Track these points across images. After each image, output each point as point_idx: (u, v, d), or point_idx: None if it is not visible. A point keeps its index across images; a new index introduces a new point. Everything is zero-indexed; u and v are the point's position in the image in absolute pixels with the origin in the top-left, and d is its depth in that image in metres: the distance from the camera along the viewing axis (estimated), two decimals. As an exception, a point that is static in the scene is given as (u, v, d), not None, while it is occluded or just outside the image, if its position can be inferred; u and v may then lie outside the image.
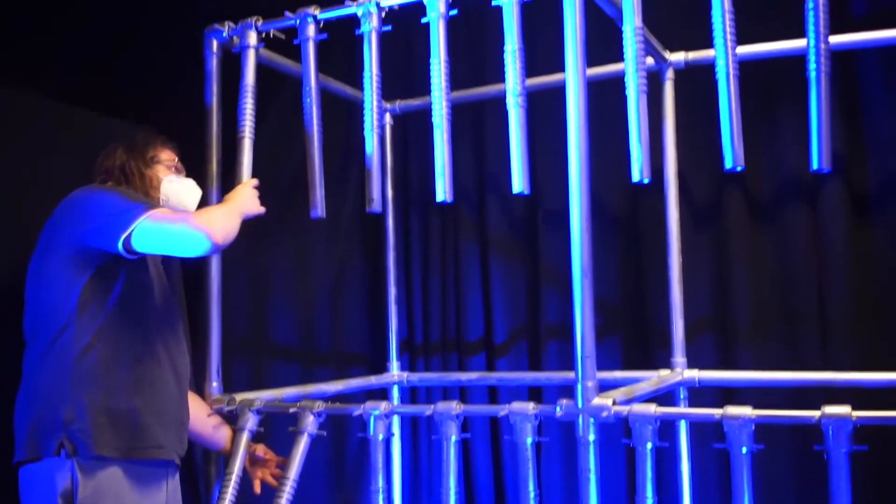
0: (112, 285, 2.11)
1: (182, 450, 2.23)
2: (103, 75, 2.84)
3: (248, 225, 3.27)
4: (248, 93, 2.53)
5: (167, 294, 2.28)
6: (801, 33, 2.11)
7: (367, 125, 2.40)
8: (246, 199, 2.37)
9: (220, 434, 2.45)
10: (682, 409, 2.71)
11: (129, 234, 2.02)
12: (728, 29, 2.04)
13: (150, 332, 2.18)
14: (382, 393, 3.32)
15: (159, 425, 2.14)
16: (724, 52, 2.04)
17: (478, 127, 3.37)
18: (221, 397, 2.49)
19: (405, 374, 3.28)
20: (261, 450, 2.50)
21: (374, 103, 2.40)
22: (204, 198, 2.45)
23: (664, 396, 2.83)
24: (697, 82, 2.87)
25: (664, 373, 2.81)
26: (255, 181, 2.47)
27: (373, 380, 3.21)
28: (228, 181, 2.56)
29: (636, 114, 2.08)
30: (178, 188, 2.32)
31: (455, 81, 3.22)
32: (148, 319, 2.18)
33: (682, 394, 2.85)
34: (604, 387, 2.31)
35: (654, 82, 2.86)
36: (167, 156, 2.35)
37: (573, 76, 2.06)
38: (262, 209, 2.41)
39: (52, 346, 2.08)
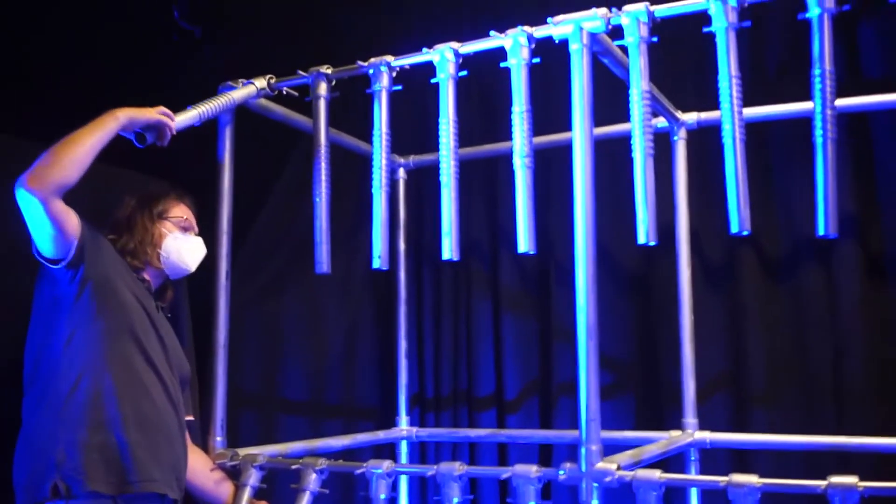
0: (91, 322, 2.12)
1: (180, 489, 2.21)
2: (79, 77, 2.86)
3: (262, 279, 3.33)
4: (226, 96, 2.49)
5: (167, 340, 2.28)
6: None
7: (375, 182, 2.42)
8: (137, 110, 2.16)
9: (222, 489, 2.43)
10: (687, 475, 2.67)
11: (36, 247, 2.06)
12: (734, 93, 2.05)
13: (142, 369, 2.17)
14: (391, 448, 3.29)
15: (154, 461, 2.13)
16: (730, 117, 2.04)
17: (491, 182, 3.39)
18: (225, 452, 2.49)
19: (414, 430, 3.26)
20: (263, 507, 2.49)
21: (384, 161, 2.42)
22: (213, 252, 2.46)
23: (675, 458, 2.80)
24: (710, 142, 2.88)
25: (675, 434, 2.77)
26: (162, 108, 2.25)
27: (381, 434, 3.19)
28: (238, 233, 2.58)
29: (643, 176, 2.09)
30: (180, 245, 2.32)
31: (470, 136, 3.27)
32: (138, 357, 2.17)
33: (694, 455, 2.81)
34: (614, 447, 2.29)
35: (666, 142, 2.88)
36: (179, 212, 2.37)
37: (580, 135, 2.07)
38: (160, 118, 2.20)
39: (46, 390, 2.10)
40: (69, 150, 2.02)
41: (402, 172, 3.37)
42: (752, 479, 1.91)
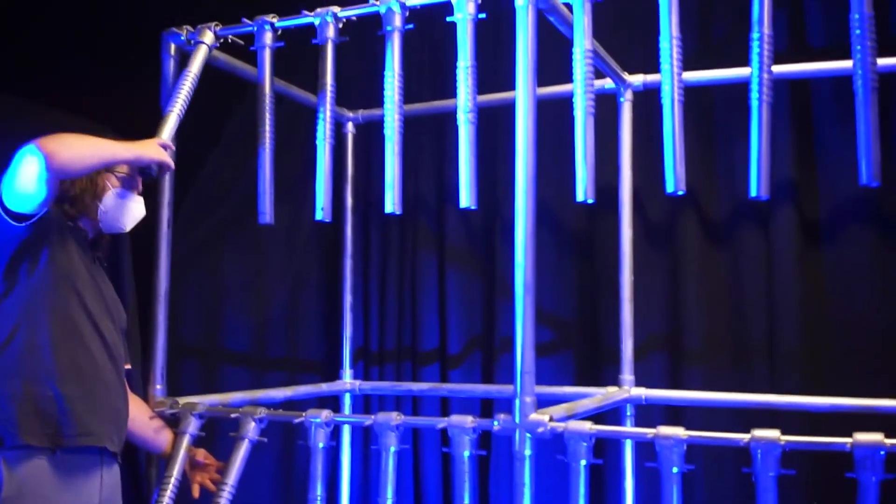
0: (33, 270, 2.10)
1: (119, 441, 2.20)
2: (60, 72, 2.84)
3: (204, 229, 3.31)
4: (188, 78, 2.46)
5: (106, 292, 2.26)
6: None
7: (319, 134, 2.42)
8: (144, 146, 2.25)
9: (161, 437, 2.44)
10: (616, 427, 2.73)
11: (1, 201, 2.03)
12: (675, 55, 2.08)
13: (79, 321, 2.15)
14: (334, 400, 3.32)
15: (91, 413, 2.11)
16: (669, 78, 2.07)
17: (439, 139, 3.40)
18: (164, 400, 2.49)
19: (357, 383, 3.29)
20: (201, 454, 2.49)
21: (328, 113, 2.42)
22: (154, 201, 2.44)
23: (611, 414, 2.87)
24: (657, 104, 2.90)
25: (611, 390, 2.83)
26: (164, 140, 2.34)
27: (324, 387, 3.22)
28: (181, 183, 2.56)
29: (583, 135, 2.11)
30: (119, 203, 2.28)
31: (419, 93, 3.27)
32: (76, 308, 2.15)
33: (629, 411, 2.87)
34: (552, 402, 2.33)
35: (612, 103, 2.90)
36: (125, 167, 2.31)
37: (523, 91, 2.08)
38: (164, 158, 2.28)
39: None
40: (86, 151, 2.06)
41: (350, 126, 3.36)
42: (679, 431, 1.97)
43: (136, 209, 2.33)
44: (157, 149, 2.27)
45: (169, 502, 2.29)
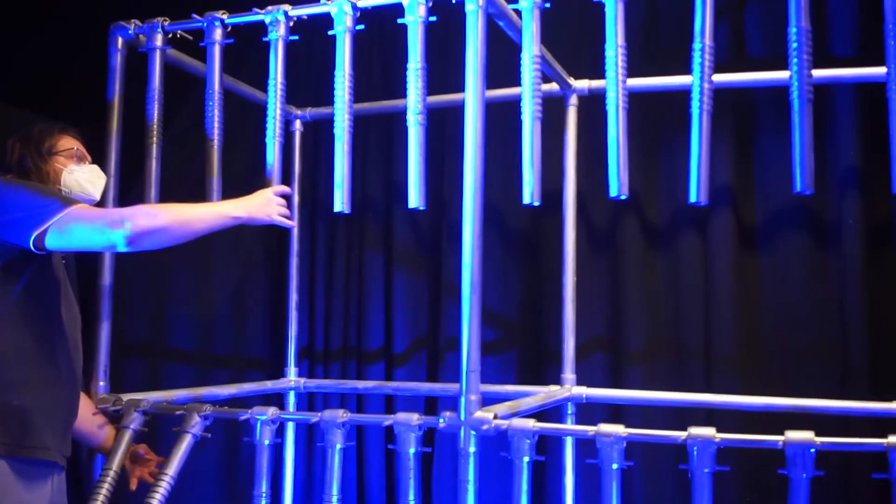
0: (17, 280, 2.07)
1: (67, 451, 2.20)
2: (5, 66, 2.80)
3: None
4: (154, 98, 2.52)
5: (70, 294, 2.25)
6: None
7: (269, 133, 2.42)
8: (254, 204, 2.28)
9: (102, 433, 2.43)
10: (559, 425, 2.78)
11: (44, 232, 1.98)
12: (620, 62, 2.13)
13: (53, 332, 2.14)
14: (279, 398, 3.32)
15: (47, 426, 2.11)
16: (614, 85, 2.12)
17: (388, 140, 3.42)
18: (107, 397, 2.48)
19: (302, 381, 3.29)
20: (142, 449, 2.48)
21: (278, 112, 2.42)
22: (101, 195, 2.42)
23: (553, 412, 2.92)
24: (601, 110, 2.96)
25: (553, 388, 2.88)
26: (281, 188, 2.39)
27: (269, 385, 3.22)
28: (129, 177, 2.54)
29: (530, 138, 2.15)
30: (79, 177, 2.27)
31: (368, 92, 3.29)
32: (52, 319, 2.14)
33: (571, 409, 2.93)
34: (496, 400, 2.37)
35: (558, 107, 2.95)
36: (66, 144, 2.29)
37: (472, 94, 2.11)
38: (279, 218, 2.33)
39: None
40: (176, 229, 2.08)
41: (298, 124, 3.36)
42: (619, 429, 2.02)
43: (96, 177, 2.32)
44: (272, 206, 2.30)
45: (107, 494, 2.27)
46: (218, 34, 2.49)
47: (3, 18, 2.78)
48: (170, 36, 2.56)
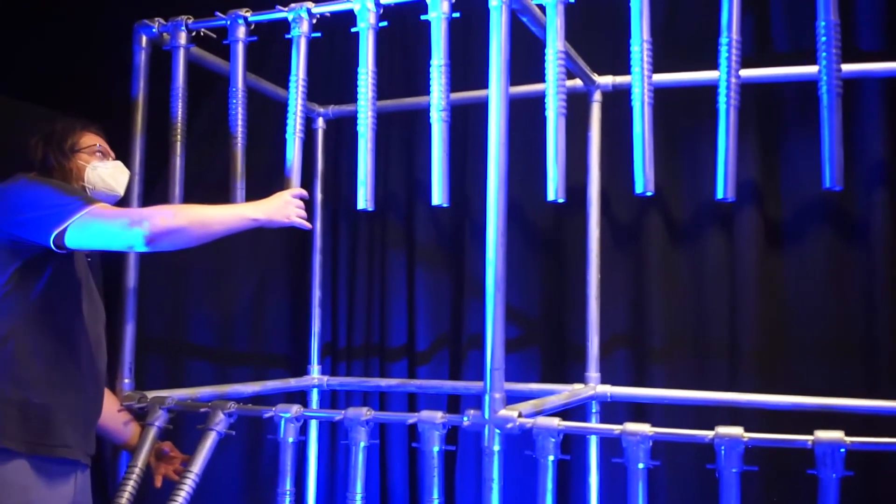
0: (38, 279, 2.08)
1: (91, 448, 2.21)
2: (28, 63, 2.81)
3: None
4: (178, 96, 2.53)
5: (93, 293, 2.26)
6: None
7: (289, 129, 2.41)
8: (272, 206, 2.27)
9: (128, 430, 2.44)
10: (585, 424, 2.77)
11: (63, 230, 1.98)
12: (645, 58, 2.11)
13: (74, 330, 2.15)
14: (302, 396, 3.32)
15: (69, 424, 2.12)
16: (639, 80, 2.10)
17: (410, 136, 3.41)
18: (132, 394, 2.48)
19: (325, 378, 3.29)
20: (167, 446, 2.49)
21: (299, 107, 2.42)
22: (125, 194, 2.43)
23: (577, 410, 2.90)
24: (626, 105, 2.94)
25: (577, 387, 2.86)
26: (298, 191, 2.38)
27: (292, 382, 3.22)
28: (152, 176, 2.55)
29: (554, 134, 2.13)
30: (102, 173, 2.27)
31: (390, 89, 3.28)
32: (73, 317, 2.15)
33: (595, 408, 2.91)
34: (519, 398, 2.36)
35: (582, 103, 2.94)
36: (89, 140, 2.29)
37: (496, 91, 2.10)
38: (297, 220, 2.32)
39: None
40: (194, 230, 2.08)
41: (320, 122, 3.36)
42: (645, 428, 2.00)
43: (119, 173, 2.32)
44: (290, 208, 2.29)
45: (132, 491, 2.28)
46: (241, 32, 2.49)
47: (23, 17, 2.80)
48: (193, 34, 2.56)
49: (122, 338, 2.54)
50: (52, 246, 2.01)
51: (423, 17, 2.25)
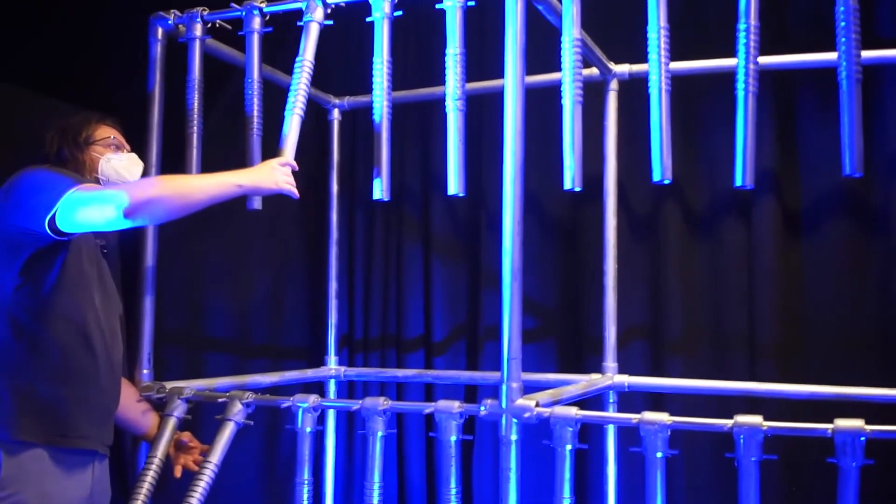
0: (48, 271, 2.08)
1: (108, 439, 2.22)
2: (44, 56, 2.82)
3: (190, 214, 3.29)
4: (195, 87, 2.53)
5: (108, 284, 2.27)
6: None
7: (288, 106, 2.36)
8: (259, 173, 2.21)
9: (146, 420, 2.46)
10: (603, 413, 2.76)
11: (55, 214, 1.97)
12: (662, 45, 2.09)
13: (87, 323, 2.15)
14: (319, 386, 3.33)
15: (85, 416, 2.13)
16: (657, 67, 2.08)
17: (425, 127, 3.41)
18: (151, 385, 2.50)
19: (342, 369, 3.30)
20: (186, 437, 2.50)
21: (301, 86, 2.36)
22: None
23: (594, 400, 2.90)
24: (642, 94, 2.92)
25: (594, 377, 2.86)
26: (286, 159, 2.29)
27: (309, 373, 3.23)
28: (168, 168, 2.55)
29: (570, 123, 2.12)
30: (116, 165, 2.27)
31: (405, 80, 3.27)
32: (86, 309, 2.16)
33: (612, 398, 2.91)
34: (536, 388, 2.35)
35: (598, 92, 2.92)
36: (103, 133, 2.30)
37: (511, 82, 2.09)
38: (286, 187, 2.24)
39: None
40: (174, 200, 2.00)
41: (336, 113, 3.36)
42: (664, 417, 2.00)
43: (132, 164, 2.32)
44: (277, 174, 2.22)
45: (151, 481, 2.29)
46: (257, 23, 2.49)
47: (35, 9, 2.81)
48: (208, 26, 2.56)
49: (141, 329, 2.55)
50: (49, 231, 1.99)
51: (438, 6, 2.24)
